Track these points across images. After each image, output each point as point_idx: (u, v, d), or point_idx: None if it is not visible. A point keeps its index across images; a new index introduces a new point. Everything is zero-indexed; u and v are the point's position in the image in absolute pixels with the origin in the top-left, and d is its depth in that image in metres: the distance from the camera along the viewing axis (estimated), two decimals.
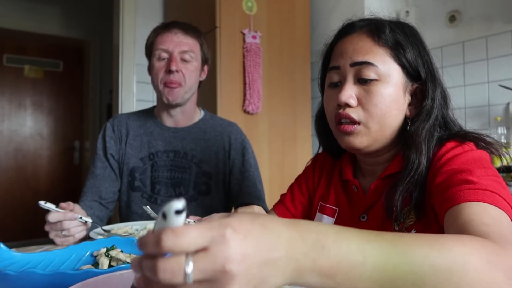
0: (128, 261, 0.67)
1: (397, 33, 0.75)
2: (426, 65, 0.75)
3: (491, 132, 1.96)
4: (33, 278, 0.51)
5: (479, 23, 2.12)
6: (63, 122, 4.48)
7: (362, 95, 0.73)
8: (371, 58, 0.73)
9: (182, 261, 0.32)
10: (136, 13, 2.68)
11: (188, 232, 0.32)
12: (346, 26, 0.81)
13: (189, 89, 1.32)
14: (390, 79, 0.73)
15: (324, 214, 0.89)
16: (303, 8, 2.46)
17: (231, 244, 0.33)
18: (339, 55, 0.77)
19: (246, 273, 0.34)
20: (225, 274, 0.33)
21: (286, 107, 2.35)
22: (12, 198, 4.11)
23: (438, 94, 0.74)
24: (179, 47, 1.28)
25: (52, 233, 0.98)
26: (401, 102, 0.74)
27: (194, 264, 0.32)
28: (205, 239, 0.33)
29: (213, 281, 0.33)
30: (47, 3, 3.97)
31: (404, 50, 0.74)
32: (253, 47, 2.18)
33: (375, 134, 0.75)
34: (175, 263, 0.32)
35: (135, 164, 1.35)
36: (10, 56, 4.23)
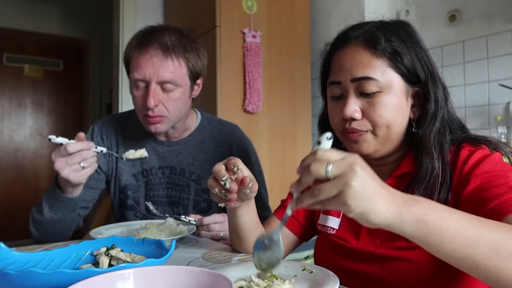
0: (129, 260, 0.67)
1: (393, 41, 0.75)
2: (424, 66, 0.76)
3: (491, 131, 1.96)
4: (33, 278, 0.51)
5: (479, 22, 2.12)
6: (63, 122, 4.48)
7: (366, 107, 0.75)
8: (371, 72, 0.73)
9: (325, 163, 0.50)
10: (136, 12, 2.68)
11: (332, 152, 0.52)
12: (341, 37, 0.80)
13: (175, 118, 1.17)
14: (392, 89, 0.74)
15: (329, 215, 0.88)
16: (303, 7, 2.46)
17: (358, 160, 0.51)
18: (338, 70, 0.78)
19: (365, 178, 0.49)
20: (352, 171, 0.49)
21: (286, 106, 2.35)
22: (12, 198, 4.11)
23: (440, 94, 0.75)
24: (157, 75, 1.08)
25: (66, 169, 0.93)
26: (404, 108, 0.76)
27: (333, 164, 0.50)
28: (343, 155, 0.51)
29: (343, 175, 0.49)
30: (47, 3, 3.97)
31: (402, 58, 0.74)
32: (253, 47, 2.18)
33: (382, 140, 0.76)
34: (322, 163, 0.51)
35: (127, 181, 1.24)
36: (10, 56, 4.23)
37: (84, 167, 0.95)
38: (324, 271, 0.69)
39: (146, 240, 0.73)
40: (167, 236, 1.01)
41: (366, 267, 0.77)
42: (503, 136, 1.92)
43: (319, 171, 0.50)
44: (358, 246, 0.79)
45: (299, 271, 0.72)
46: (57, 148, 0.95)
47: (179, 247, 0.99)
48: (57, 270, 0.51)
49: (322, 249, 0.89)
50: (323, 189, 0.50)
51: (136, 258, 0.68)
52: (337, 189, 0.49)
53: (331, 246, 0.86)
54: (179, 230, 1.06)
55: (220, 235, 1.08)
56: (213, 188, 0.75)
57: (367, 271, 0.77)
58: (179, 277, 0.50)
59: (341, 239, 0.83)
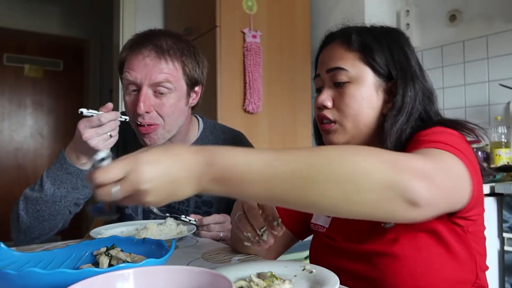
0: (129, 260, 0.67)
1: (366, 37, 0.80)
2: (397, 64, 0.79)
3: (491, 131, 1.96)
4: (33, 277, 0.51)
5: (479, 22, 2.12)
6: (63, 121, 4.48)
7: (336, 97, 0.81)
8: (342, 63, 0.80)
9: (108, 188, 0.48)
10: (136, 12, 2.68)
11: (112, 169, 0.48)
12: (326, 37, 0.88)
13: (170, 127, 1.07)
14: (361, 80, 0.79)
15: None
16: (303, 7, 2.46)
17: (142, 170, 0.47)
18: (319, 65, 0.86)
19: (156, 189, 0.48)
20: (140, 191, 0.48)
21: (286, 106, 2.35)
22: (12, 198, 4.11)
23: (411, 92, 0.78)
24: (150, 77, 1.00)
25: (96, 139, 0.93)
26: (373, 101, 0.79)
27: (119, 187, 0.48)
28: (123, 171, 0.48)
29: (134, 196, 0.48)
30: (47, 3, 3.97)
31: (373, 52, 0.79)
32: (253, 47, 2.18)
33: (352, 132, 0.80)
34: (103, 190, 0.48)
35: None
36: (10, 55, 4.24)
37: (112, 136, 0.96)
38: (324, 271, 0.69)
39: (146, 240, 0.73)
40: (167, 236, 1.01)
41: (356, 265, 0.78)
42: (503, 136, 1.92)
43: (106, 197, 0.48)
44: (344, 244, 0.81)
45: (299, 271, 0.72)
46: (85, 119, 0.94)
47: (179, 247, 0.99)
48: (57, 270, 0.51)
49: (315, 248, 0.91)
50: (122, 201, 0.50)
51: (136, 258, 0.68)
52: (133, 202, 0.50)
53: (322, 244, 0.87)
54: (179, 230, 1.06)
55: (220, 235, 1.08)
56: (246, 231, 0.68)
57: (356, 269, 0.77)
58: (179, 277, 0.50)
59: (330, 238, 0.85)
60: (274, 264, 0.75)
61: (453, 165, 0.59)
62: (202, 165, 0.50)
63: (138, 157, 0.49)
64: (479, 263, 0.74)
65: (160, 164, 0.48)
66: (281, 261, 0.78)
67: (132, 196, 0.49)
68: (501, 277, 1.60)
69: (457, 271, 0.71)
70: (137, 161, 0.48)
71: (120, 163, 0.48)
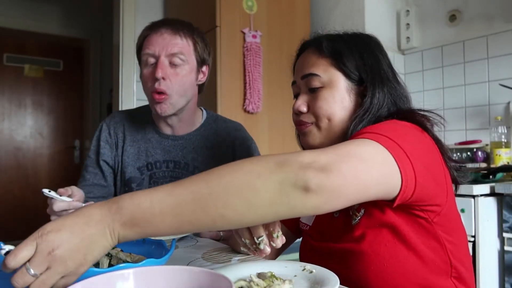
0: (128, 260, 0.67)
1: (336, 43, 0.84)
2: (368, 68, 0.82)
3: (491, 131, 1.96)
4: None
5: (479, 22, 2.12)
6: (63, 121, 4.48)
7: (310, 101, 0.84)
8: (315, 69, 0.83)
9: (23, 269, 0.47)
10: (136, 12, 2.68)
11: (19, 250, 0.47)
12: (301, 46, 0.93)
13: (180, 97, 1.18)
14: (333, 84, 0.82)
15: None
16: (303, 7, 2.46)
17: (49, 240, 0.48)
18: (295, 72, 0.90)
19: (70, 252, 0.48)
20: (55, 259, 0.47)
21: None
22: (12, 197, 4.12)
23: (380, 96, 0.80)
24: (167, 49, 1.14)
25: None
26: (345, 103, 0.82)
27: (32, 265, 0.47)
28: (32, 247, 0.48)
29: (52, 267, 0.48)
30: (47, 2, 3.97)
31: (343, 58, 0.82)
32: (253, 47, 2.18)
33: (326, 132, 0.83)
34: (20, 272, 0.47)
35: (132, 174, 1.26)
36: (10, 55, 4.23)
37: None
38: (324, 271, 0.69)
39: (146, 240, 0.73)
40: (167, 236, 1.01)
41: (329, 264, 0.78)
42: (503, 136, 1.92)
43: (25, 282, 0.47)
44: (320, 243, 0.84)
45: (299, 271, 0.72)
46: (51, 200, 0.97)
47: (179, 247, 0.99)
48: None
49: (301, 248, 0.93)
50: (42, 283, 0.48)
51: (136, 258, 0.68)
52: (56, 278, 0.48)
53: (306, 243, 0.90)
54: None
55: (221, 235, 1.08)
56: (244, 237, 0.67)
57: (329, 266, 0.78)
58: (179, 277, 0.50)
59: (310, 236, 0.88)
60: (274, 264, 0.75)
61: (362, 151, 0.59)
62: (109, 214, 0.51)
63: (42, 229, 0.49)
64: (452, 253, 0.73)
65: (64, 228, 0.49)
66: (281, 261, 0.78)
67: (51, 269, 0.47)
68: (501, 277, 1.60)
69: (425, 263, 0.71)
70: (42, 232, 0.49)
71: (25, 241, 0.48)
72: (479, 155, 2.01)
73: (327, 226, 0.84)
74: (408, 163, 0.61)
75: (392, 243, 0.71)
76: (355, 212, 0.77)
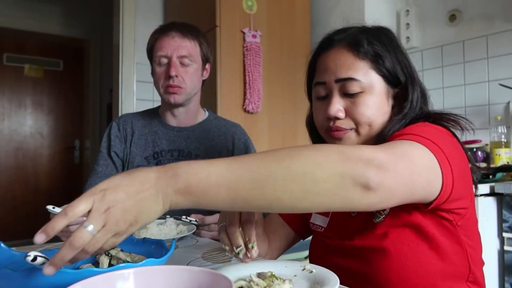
0: (129, 260, 0.67)
1: (375, 44, 0.79)
2: (404, 69, 0.80)
3: (491, 131, 1.96)
4: (33, 277, 0.51)
5: (479, 22, 2.12)
6: (63, 121, 4.48)
7: (349, 106, 0.79)
8: (354, 73, 0.77)
9: (81, 228, 0.47)
10: (136, 12, 2.68)
11: (77, 203, 0.48)
12: (325, 41, 0.86)
13: (191, 91, 1.34)
14: (373, 89, 0.78)
15: (320, 214, 0.90)
16: (303, 7, 2.46)
17: (106, 198, 0.48)
18: (323, 71, 0.82)
19: (123, 212, 0.48)
20: (109, 217, 0.48)
21: (286, 106, 2.35)
22: (12, 197, 4.12)
23: (416, 96, 0.79)
24: (178, 51, 1.30)
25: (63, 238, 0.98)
26: (385, 108, 0.79)
27: (90, 222, 0.47)
28: (89, 203, 0.48)
29: (107, 225, 0.48)
30: (47, 2, 3.97)
31: (383, 61, 0.78)
32: (253, 46, 2.18)
33: (364, 138, 0.79)
34: (78, 231, 0.47)
35: (139, 163, 1.36)
36: (10, 55, 4.23)
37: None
38: (324, 271, 0.69)
39: (146, 240, 0.73)
40: (167, 236, 1.01)
41: (348, 262, 0.78)
42: (503, 136, 1.92)
43: (83, 241, 0.47)
44: (338, 241, 0.82)
45: (299, 270, 0.72)
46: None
47: (179, 247, 0.99)
48: (57, 270, 0.51)
49: (313, 248, 0.92)
50: (94, 241, 0.48)
51: (136, 258, 0.68)
52: (110, 240, 0.50)
53: (320, 244, 0.88)
54: (179, 230, 1.07)
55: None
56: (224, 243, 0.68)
57: (349, 264, 0.78)
58: (179, 277, 0.50)
59: (326, 237, 0.86)
60: (274, 264, 0.75)
61: (414, 153, 0.60)
62: (165, 179, 0.51)
63: (97, 187, 0.49)
64: (472, 257, 0.74)
65: (120, 188, 0.49)
66: (281, 261, 0.78)
67: (106, 227, 0.48)
68: (501, 277, 1.60)
69: (446, 265, 0.71)
70: (99, 189, 0.49)
71: (82, 197, 0.48)
72: (479, 155, 2.01)
73: (345, 225, 0.83)
74: (449, 168, 0.63)
75: (416, 243, 0.71)
76: (379, 211, 0.76)
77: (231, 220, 0.66)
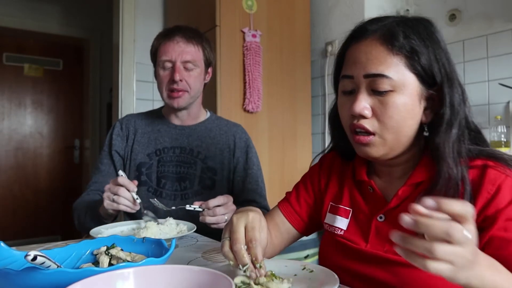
0: (129, 260, 0.67)
1: (412, 38, 0.71)
2: (442, 68, 0.72)
3: (491, 131, 1.96)
4: (33, 276, 0.51)
5: (479, 21, 2.12)
6: (63, 121, 4.47)
7: (376, 106, 0.72)
8: (385, 69, 0.70)
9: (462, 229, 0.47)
10: (136, 12, 2.67)
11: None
12: (358, 30, 0.77)
13: (194, 94, 1.37)
14: (405, 89, 0.71)
15: (337, 215, 0.87)
16: (303, 6, 2.46)
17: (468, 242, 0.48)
18: (352, 64, 0.75)
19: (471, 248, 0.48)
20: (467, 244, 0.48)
21: (286, 105, 2.35)
22: (12, 197, 4.11)
23: (457, 98, 0.71)
24: (182, 56, 1.32)
25: (105, 193, 1.09)
26: (416, 111, 0.73)
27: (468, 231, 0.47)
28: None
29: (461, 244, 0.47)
30: (47, 2, 3.96)
31: (419, 57, 0.71)
32: (253, 46, 2.18)
33: (391, 144, 0.74)
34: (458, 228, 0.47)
35: (142, 159, 1.39)
36: (9, 55, 4.23)
37: (115, 200, 1.08)
38: (324, 271, 0.69)
39: (146, 239, 0.73)
40: (167, 236, 1.01)
41: (374, 271, 0.75)
42: (503, 136, 1.92)
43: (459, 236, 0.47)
44: (366, 249, 0.78)
45: (299, 270, 0.72)
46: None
47: (179, 246, 0.99)
48: (57, 269, 0.51)
49: (328, 249, 0.88)
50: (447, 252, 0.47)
51: (136, 257, 0.68)
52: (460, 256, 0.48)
53: (338, 247, 0.84)
54: (179, 229, 1.07)
55: (225, 219, 1.09)
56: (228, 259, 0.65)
57: (374, 274, 0.75)
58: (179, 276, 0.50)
59: (349, 241, 0.82)
60: (274, 263, 0.75)
61: None
62: (488, 262, 0.54)
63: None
64: None
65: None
66: (281, 260, 0.78)
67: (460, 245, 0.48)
68: None
69: None
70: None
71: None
72: None
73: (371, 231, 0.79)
74: None
75: None
76: None
77: (236, 238, 0.64)
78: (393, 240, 0.50)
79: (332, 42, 2.48)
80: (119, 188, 1.06)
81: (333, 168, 0.96)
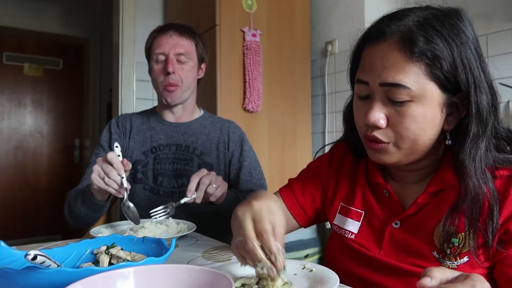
0: (128, 259, 0.67)
1: (435, 43, 0.63)
2: (469, 74, 0.64)
3: None
4: (33, 276, 0.51)
5: (479, 21, 2.12)
6: (63, 120, 4.47)
7: (392, 115, 0.67)
8: (403, 79, 0.64)
9: None
10: (136, 11, 2.67)
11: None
12: (375, 31, 0.70)
13: (186, 89, 1.38)
14: (425, 99, 0.65)
15: (348, 217, 0.84)
16: (303, 6, 2.46)
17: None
18: (367, 69, 0.69)
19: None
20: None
21: (286, 105, 2.35)
22: (12, 196, 4.11)
23: (485, 105, 0.65)
24: (175, 49, 1.34)
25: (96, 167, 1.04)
26: (437, 121, 0.67)
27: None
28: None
29: None
30: (47, 1, 3.96)
31: (442, 64, 0.63)
32: (253, 45, 2.18)
33: (406, 152, 0.70)
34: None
35: (137, 157, 1.39)
36: (9, 54, 4.23)
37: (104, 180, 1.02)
38: (324, 270, 0.69)
39: (146, 239, 0.73)
40: (167, 235, 1.01)
41: (385, 279, 0.73)
42: None
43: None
44: (379, 256, 0.75)
45: (299, 269, 0.72)
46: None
47: (179, 246, 0.99)
48: (57, 269, 0.51)
49: (336, 252, 0.85)
50: None
51: (136, 256, 0.68)
52: None
53: (347, 250, 0.81)
54: (179, 229, 1.07)
55: (214, 186, 1.07)
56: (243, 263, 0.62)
57: (385, 283, 0.73)
58: (179, 275, 0.51)
59: (361, 246, 0.79)
60: None
61: None
62: None
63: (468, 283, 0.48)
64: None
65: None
66: None
67: None
68: None
69: None
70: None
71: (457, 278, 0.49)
72: None
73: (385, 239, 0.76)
74: None
75: None
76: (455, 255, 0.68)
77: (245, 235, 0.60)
78: None
79: (332, 41, 2.48)
80: (111, 170, 1.02)
81: (343, 163, 0.91)
